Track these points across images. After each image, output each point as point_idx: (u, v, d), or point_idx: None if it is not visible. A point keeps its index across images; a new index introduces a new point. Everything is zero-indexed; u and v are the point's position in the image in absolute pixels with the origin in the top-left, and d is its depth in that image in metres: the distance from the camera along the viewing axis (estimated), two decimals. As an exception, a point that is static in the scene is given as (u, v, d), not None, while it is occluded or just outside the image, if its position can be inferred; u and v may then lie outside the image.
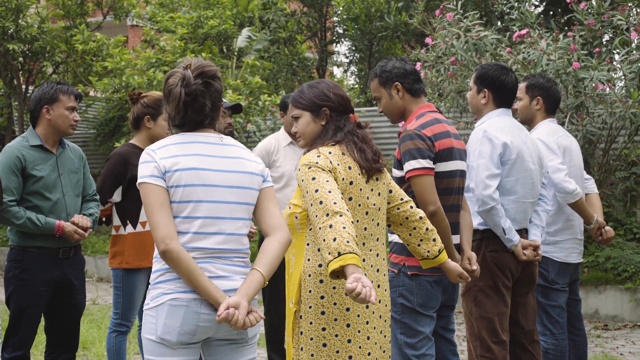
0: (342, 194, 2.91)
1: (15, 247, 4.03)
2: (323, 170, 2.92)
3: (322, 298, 2.98)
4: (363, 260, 3.01)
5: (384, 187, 3.15)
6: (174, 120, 2.77)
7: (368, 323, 3.03)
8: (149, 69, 10.57)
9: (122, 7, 13.29)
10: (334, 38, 15.30)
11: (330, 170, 2.95)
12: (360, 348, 3.00)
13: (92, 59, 12.47)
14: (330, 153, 3.01)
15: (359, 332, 3.00)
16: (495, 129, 3.88)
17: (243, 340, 2.75)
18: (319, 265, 2.99)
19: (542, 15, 9.09)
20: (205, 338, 2.71)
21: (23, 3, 11.81)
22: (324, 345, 2.97)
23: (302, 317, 3.01)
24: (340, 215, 2.75)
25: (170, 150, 2.70)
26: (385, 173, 3.16)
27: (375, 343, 3.05)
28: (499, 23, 8.72)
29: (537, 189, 4.00)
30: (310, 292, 2.99)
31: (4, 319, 4.71)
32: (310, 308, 2.99)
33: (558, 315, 4.38)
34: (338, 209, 2.77)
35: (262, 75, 12.08)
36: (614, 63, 6.85)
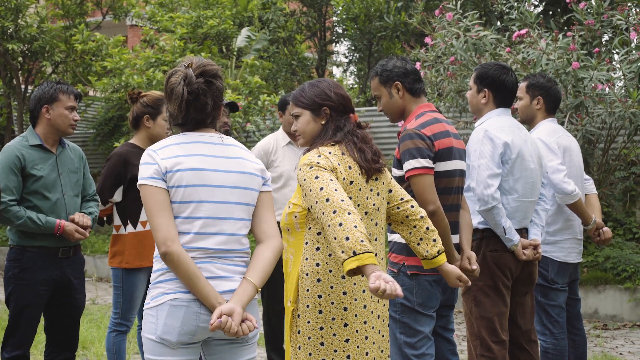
0: None
1: (15, 246, 4.02)
2: (325, 170, 2.92)
3: (319, 297, 2.98)
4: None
5: (384, 187, 3.14)
6: (176, 119, 2.76)
7: (366, 323, 3.02)
8: (149, 69, 10.57)
9: (121, 6, 13.29)
10: (334, 38, 15.30)
11: (332, 170, 2.95)
12: (359, 347, 3.00)
13: (91, 59, 12.47)
14: (330, 153, 3.01)
15: (357, 331, 3.00)
16: (496, 129, 3.88)
17: (243, 340, 2.75)
18: (317, 264, 2.99)
19: (541, 15, 9.09)
20: (205, 338, 2.71)
21: (22, 3, 11.81)
22: (322, 345, 2.97)
23: (299, 316, 3.01)
24: (349, 213, 2.73)
25: (172, 151, 2.70)
26: (385, 173, 3.16)
27: (374, 343, 3.05)
28: (499, 23, 8.72)
29: (537, 188, 4.01)
30: (308, 291, 2.99)
31: (4, 319, 4.71)
32: (308, 307, 2.99)
33: (557, 315, 4.38)
34: (346, 207, 2.75)
35: (261, 75, 12.08)
36: (614, 63, 6.85)
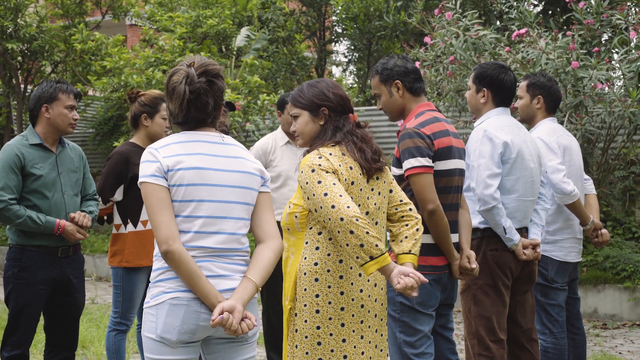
0: None
1: (15, 245, 4.02)
2: (327, 173, 2.92)
3: (317, 297, 2.98)
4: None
5: (385, 186, 3.14)
6: (177, 118, 2.76)
7: (362, 322, 3.03)
8: (148, 68, 10.57)
9: (120, 6, 13.28)
10: (333, 37, 15.30)
11: (334, 172, 2.95)
12: (355, 347, 3.00)
13: (90, 58, 12.46)
14: (331, 154, 3.01)
15: (354, 331, 3.00)
16: (495, 128, 3.88)
17: (242, 339, 2.75)
18: (315, 264, 2.99)
19: (541, 15, 9.08)
20: (205, 337, 2.71)
21: (22, 2, 11.80)
22: (319, 344, 2.97)
23: (297, 314, 3.01)
24: (357, 220, 2.81)
25: (173, 149, 2.70)
26: (387, 172, 3.16)
27: (370, 342, 3.05)
28: (498, 22, 8.72)
29: (537, 188, 4.01)
30: (306, 290, 3.00)
31: (3, 318, 4.71)
32: (305, 306, 2.99)
33: (557, 314, 4.38)
34: (352, 213, 2.82)
35: (261, 75, 12.08)
36: (613, 62, 6.85)
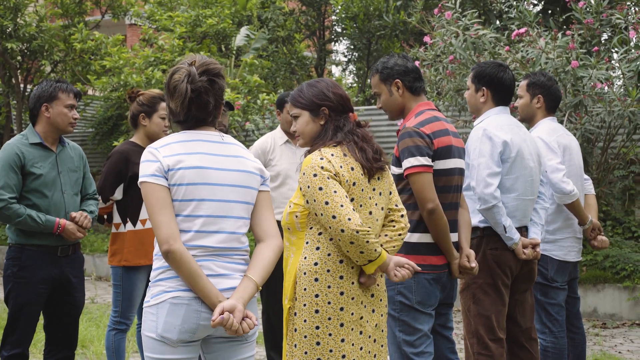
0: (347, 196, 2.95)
1: (14, 245, 4.02)
2: (329, 179, 2.93)
3: (316, 296, 2.98)
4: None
5: (386, 186, 3.14)
6: (178, 116, 2.76)
7: (362, 318, 3.03)
8: (148, 68, 10.56)
9: (120, 5, 13.28)
10: (333, 37, 15.30)
11: (335, 174, 2.95)
12: (353, 345, 3.00)
13: (90, 58, 12.46)
14: (333, 155, 3.01)
15: (352, 330, 3.00)
16: (495, 127, 3.88)
17: (242, 338, 2.76)
18: (315, 264, 2.99)
19: (540, 14, 9.09)
20: (205, 336, 2.71)
21: (21, 2, 11.80)
22: (318, 344, 2.97)
23: (296, 314, 3.01)
24: (357, 232, 2.87)
25: (173, 149, 2.70)
26: (388, 172, 3.16)
27: (370, 337, 3.05)
28: (498, 22, 8.73)
29: (536, 187, 4.01)
30: (305, 290, 3.00)
31: (3, 317, 4.71)
32: (305, 306, 2.99)
33: (557, 314, 4.38)
34: (354, 227, 2.87)
35: (260, 74, 12.07)
36: (613, 62, 6.85)
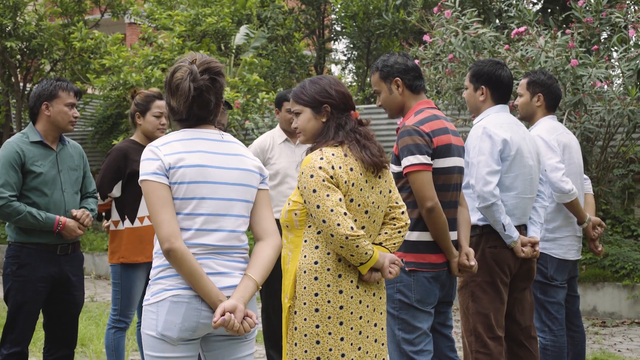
0: (343, 197, 2.95)
1: (13, 243, 4.02)
2: (324, 181, 2.93)
3: (316, 295, 2.99)
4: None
5: (386, 185, 3.15)
6: (179, 115, 2.75)
7: (361, 318, 3.03)
8: (147, 67, 10.57)
9: (119, 4, 13.28)
10: (332, 36, 15.30)
11: (332, 176, 2.95)
12: (352, 345, 3.01)
13: (89, 57, 12.46)
14: (334, 155, 3.01)
15: (352, 329, 3.01)
16: (495, 126, 3.88)
17: (242, 337, 2.75)
18: (315, 262, 2.99)
19: (540, 13, 9.10)
20: (205, 334, 2.71)
21: (21, 0, 11.80)
22: (317, 343, 2.98)
23: (296, 312, 3.01)
24: (347, 238, 2.90)
25: (174, 147, 2.70)
26: (388, 170, 3.17)
27: (368, 337, 3.05)
28: (497, 20, 8.74)
29: (535, 185, 4.01)
30: (305, 288, 3.00)
31: (2, 316, 4.71)
32: (305, 305, 3.00)
33: (557, 312, 4.38)
34: (343, 232, 2.90)
35: (260, 73, 12.07)
36: (612, 60, 6.85)
